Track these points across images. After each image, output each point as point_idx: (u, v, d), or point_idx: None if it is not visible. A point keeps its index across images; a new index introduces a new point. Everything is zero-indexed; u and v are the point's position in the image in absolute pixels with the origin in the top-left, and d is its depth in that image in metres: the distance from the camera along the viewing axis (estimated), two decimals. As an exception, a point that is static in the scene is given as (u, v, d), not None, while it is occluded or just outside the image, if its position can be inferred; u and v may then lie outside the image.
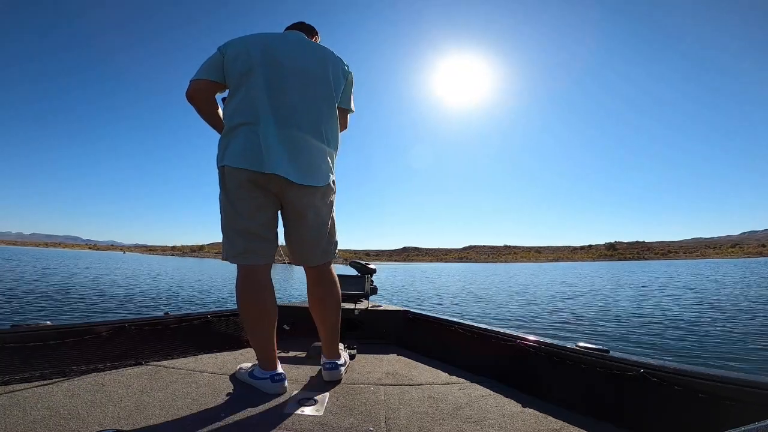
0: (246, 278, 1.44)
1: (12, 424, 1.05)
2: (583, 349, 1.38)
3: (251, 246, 1.43)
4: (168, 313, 2.01)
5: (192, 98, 1.50)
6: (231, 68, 1.44)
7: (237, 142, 1.40)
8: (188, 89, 1.48)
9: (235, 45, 1.47)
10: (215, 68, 1.46)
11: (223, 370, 1.66)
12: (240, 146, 1.38)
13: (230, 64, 1.44)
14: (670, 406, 1.10)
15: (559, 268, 49.25)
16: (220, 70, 1.46)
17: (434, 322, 2.16)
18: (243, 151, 1.38)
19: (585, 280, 21.36)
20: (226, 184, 1.43)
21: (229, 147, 1.41)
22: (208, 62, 1.47)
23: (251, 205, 1.41)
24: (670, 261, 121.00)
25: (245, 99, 1.42)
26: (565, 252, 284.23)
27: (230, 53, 1.45)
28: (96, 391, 1.33)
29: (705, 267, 39.43)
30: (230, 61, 1.44)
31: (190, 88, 1.48)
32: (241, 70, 1.43)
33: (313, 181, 1.45)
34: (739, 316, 7.40)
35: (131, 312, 7.78)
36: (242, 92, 1.43)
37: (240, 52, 1.44)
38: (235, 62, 1.44)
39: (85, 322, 1.72)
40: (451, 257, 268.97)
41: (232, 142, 1.41)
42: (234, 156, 1.39)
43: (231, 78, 1.45)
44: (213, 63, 1.47)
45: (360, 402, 1.34)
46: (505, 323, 7.26)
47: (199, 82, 1.47)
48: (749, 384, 0.94)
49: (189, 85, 1.48)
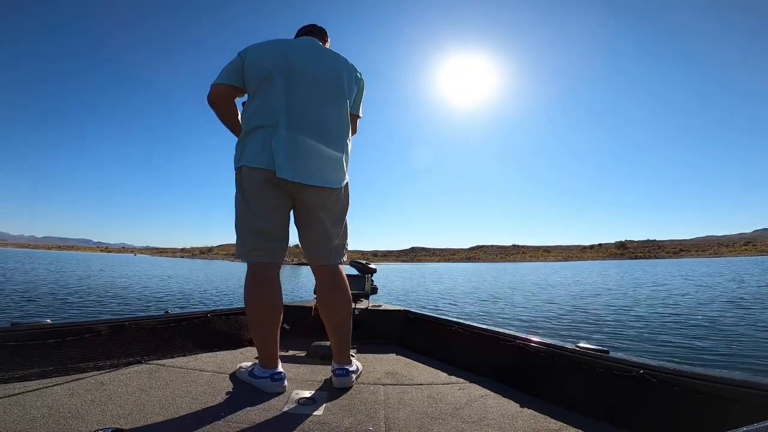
0: (256, 277, 1.46)
1: (12, 422, 1.06)
2: (583, 349, 1.37)
3: (264, 245, 1.46)
4: (168, 311, 2.03)
5: (214, 102, 1.53)
6: (250, 73, 1.48)
7: (254, 144, 1.43)
8: (210, 93, 1.52)
9: (254, 51, 1.51)
10: (235, 73, 1.50)
11: (222, 368, 1.67)
12: (257, 148, 1.42)
13: (250, 69, 1.49)
14: (670, 407, 1.09)
15: (570, 268, 48.58)
16: (240, 74, 1.50)
17: (434, 322, 2.17)
18: (260, 153, 1.41)
19: (597, 279, 20.93)
20: (243, 184, 1.47)
21: (246, 149, 1.45)
22: (229, 67, 1.51)
23: (267, 205, 1.45)
24: (682, 259, 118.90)
25: (264, 104, 1.46)
26: (575, 251, 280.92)
27: (250, 59, 1.50)
28: (96, 389, 1.34)
29: (718, 265, 38.73)
30: (250, 66, 1.49)
31: (212, 92, 1.52)
32: (260, 75, 1.47)
33: (327, 183, 1.49)
34: (761, 315, 7.16)
35: (139, 309, 7.89)
36: (261, 97, 1.47)
37: (259, 58, 1.49)
38: (254, 67, 1.48)
39: (86, 320, 1.73)
40: (459, 257, 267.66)
41: (249, 144, 1.45)
42: (251, 157, 1.43)
43: (250, 83, 1.49)
44: (233, 68, 1.51)
45: (359, 402, 1.34)
46: (524, 325, 7.09)
47: (220, 87, 1.51)
48: (749, 385, 0.94)
49: (210, 90, 1.52)
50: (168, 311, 2.05)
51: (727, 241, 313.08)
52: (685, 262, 63.93)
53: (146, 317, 1.92)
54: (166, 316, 1.98)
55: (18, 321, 1.58)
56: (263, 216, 1.45)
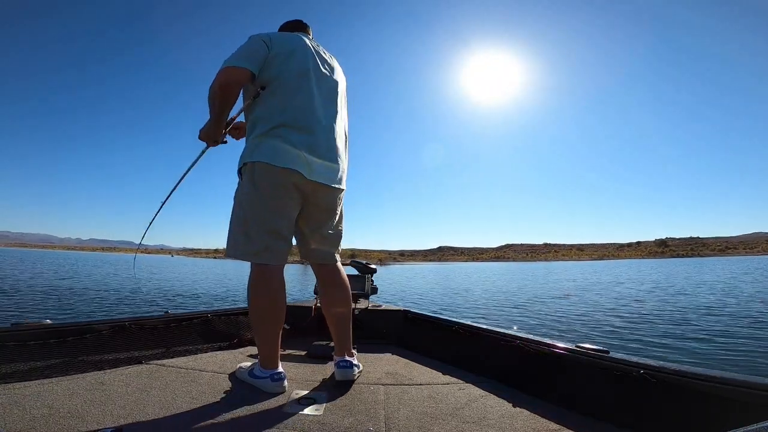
0: (263, 277, 1.44)
1: (12, 422, 1.06)
2: (583, 349, 1.37)
3: (275, 245, 1.44)
4: (168, 312, 2.04)
5: (227, 86, 1.38)
6: (277, 64, 1.43)
7: (280, 142, 1.40)
8: (225, 76, 1.36)
9: (281, 42, 1.46)
10: (258, 60, 1.40)
11: (222, 369, 1.67)
12: (284, 148, 1.40)
13: (278, 60, 1.43)
14: (670, 407, 1.09)
15: (608, 267, 46.23)
16: (262, 63, 1.41)
17: (434, 322, 2.17)
18: (287, 153, 1.40)
19: (647, 278, 19.65)
20: (259, 181, 1.41)
21: (270, 146, 1.40)
22: (251, 51, 1.40)
23: (284, 205, 1.44)
24: (728, 257, 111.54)
25: (298, 103, 1.44)
26: (611, 249, 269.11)
27: (277, 49, 1.44)
28: (96, 389, 1.34)
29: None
30: (279, 57, 1.43)
31: (230, 75, 1.36)
32: (295, 71, 1.45)
33: (343, 183, 1.58)
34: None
35: (156, 307, 8.03)
36: (289, 94, 1.43)
37: (289, 51, 1.46)
38: (286, 60, 1.44)
39: (86, 320, 1.75)
40: (487, 256, 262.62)
41: (274, 142, 1.40)
42: (277, 156, 1.39)
43: (274, 75, 1.42)
44: (255, 53, 1.40)
45: (359, 401, 1.34)
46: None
47: (241, 71, 1.37)
48: (749, 385, 0.94)
49: (225, 72, 1.36)
50: (168, 311, 2.06)
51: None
52: (734, 261, 59.69)
53: (146, 317, 1.93)
54: (167, 316, 1.99)
55: (18, 321, 1.60)
56: (279, 215, 1.43)
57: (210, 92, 1.40)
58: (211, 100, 1.42)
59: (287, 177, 1.40)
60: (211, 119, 1.50)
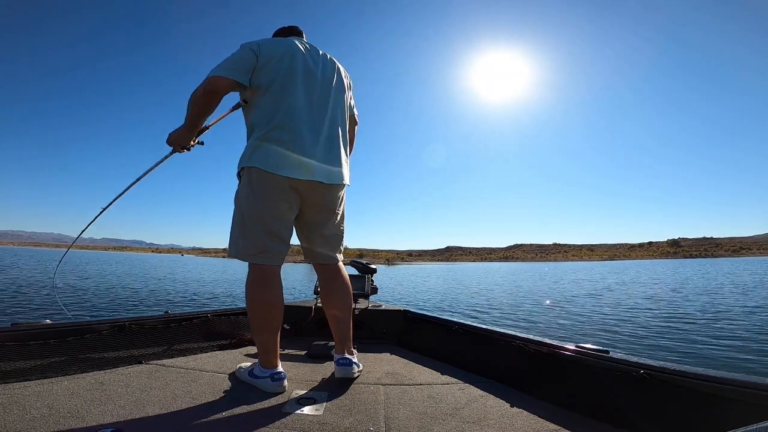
0: (262, 277, 1.46)
1: (12, 422, 1.06)
2: (583, 349, 1.37)
3: (274, 247, 1.46)
4: (168, 312, 2.05)
5: (213, 94, 1.41)
6: (268, 70, 1.45)
7: (276, 148, 1.42)
8: (211, 84, 1.39)
9: (269, 48, 1.48)
10: (245, 70, 1.43)
11: (222, 368, 1.67)
12: (280, 153, 1.42)
13: (268, 67, 1.45)
14: (670, 407, 1.09)
15: (620, 267, 45.35)
16: (250, 72, 1.44)
17: (434, 322, 2.17)
18: (283, 158, 1.41)
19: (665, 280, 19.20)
20: (256, 185, 1.43)
21: (266, 151, 1.42)
22: (238, 61, 1.43)
23: (282, 208, 1.46)
24: (742, 258, 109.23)
25: (286, 105, 1.45)
26: (622, 249, 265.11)
27: (266, 55, 1.46)
28: (96, 389, 1.34)
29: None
30: (268, 65, 1.45)
31: (216, 84, 1.39)
32: (283, 74, 1.46)
33: (343, 180, 1.57)
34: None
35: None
36: (279, 97, 1.45)
37: (279, 56, 1.47)
38: (274, 67, 1.46)
39: (86, 320, 1.75)
40: (495, 257, 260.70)
41: (269, 147, 1.42)
42: (273, 162, 1.41)
43: (266, 80, 1.45)
44: (244, 63, 1.43)
45: (359, 402, 1.34)
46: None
47: (225, 81, 1.40)
48: (749, 385, 0.94)
49: (211, 81, 1.39)
50: (168, 311, 2.06)
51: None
52: (748, 261, 58.33)
53: (146, 317, 1.93)
54: (166, 316, 1.99)
55: (19, 321, 1.60)
56: (276, 217, 1.46)
57: (191, 98, 1.44)
58: (190, 105, 1.46)
59: (283, 180, 1.42)
60: (185, 125, 1.54)
